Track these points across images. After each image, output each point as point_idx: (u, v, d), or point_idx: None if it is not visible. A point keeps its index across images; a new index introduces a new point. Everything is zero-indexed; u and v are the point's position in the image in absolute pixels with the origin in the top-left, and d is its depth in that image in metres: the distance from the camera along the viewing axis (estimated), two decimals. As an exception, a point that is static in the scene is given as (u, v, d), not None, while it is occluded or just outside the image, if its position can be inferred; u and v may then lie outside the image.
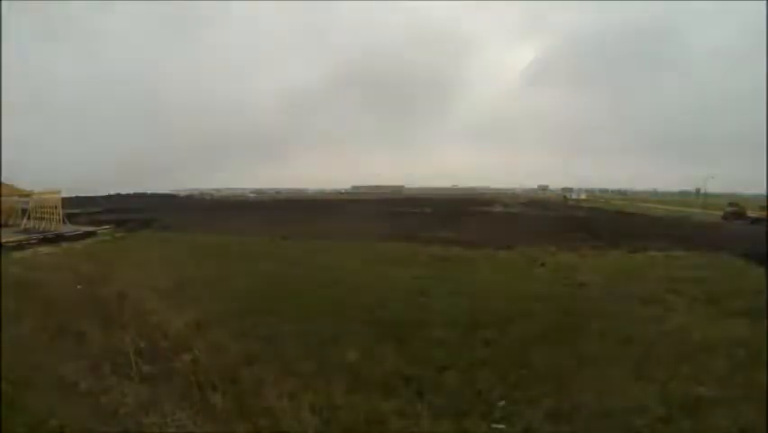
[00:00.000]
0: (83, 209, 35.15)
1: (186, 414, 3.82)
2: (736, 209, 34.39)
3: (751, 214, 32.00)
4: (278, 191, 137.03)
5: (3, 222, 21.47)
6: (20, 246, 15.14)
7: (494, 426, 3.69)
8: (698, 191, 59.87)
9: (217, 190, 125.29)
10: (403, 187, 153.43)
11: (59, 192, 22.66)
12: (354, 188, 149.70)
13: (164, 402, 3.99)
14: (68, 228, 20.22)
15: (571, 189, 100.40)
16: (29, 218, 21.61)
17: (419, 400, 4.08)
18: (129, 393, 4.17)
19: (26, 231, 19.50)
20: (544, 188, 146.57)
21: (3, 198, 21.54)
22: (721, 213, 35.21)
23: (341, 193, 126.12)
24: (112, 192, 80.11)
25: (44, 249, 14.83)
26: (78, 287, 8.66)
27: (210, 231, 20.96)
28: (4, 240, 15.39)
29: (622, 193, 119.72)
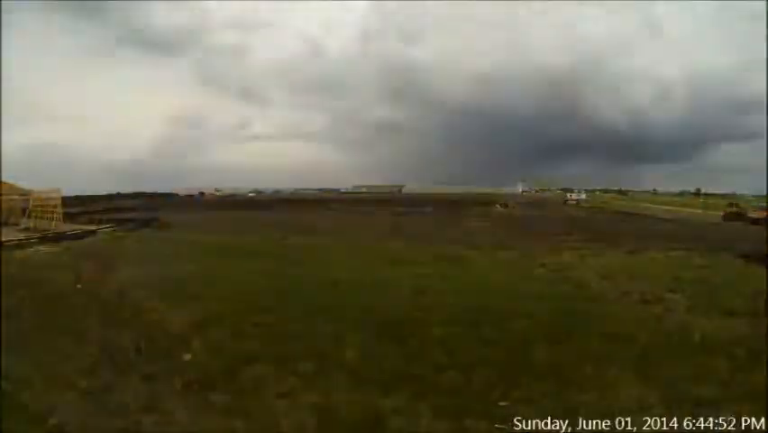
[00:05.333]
0: (84, 208, 35.14)
1: (185, 413, 3.82)
2: (735, 210, 34.41)
3: (751, 214, 31.99)
4: (277, 191, 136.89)
5: (3, 221, 21.45)
6: (20, 245, 15.13)
7: (494, 425, 3.68)
8: (697, 192, 60.02)
9: (218, 189, 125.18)
10: (403, 186, 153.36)
11: (58, 191, 22.66)
12: (355, 187, 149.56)
13: (163, 401, 3.98)
14: (69, 227, 20.21)
15: (570, 190, 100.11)
16: (29, 217, 21.60)
17: (419, 400, 4.07)
18: (128, 392, 4.17)
19: (26, 230, 19.50)
20: (543, 189, 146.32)
21: (3, 197, 21.52)
22: (721, 213, 35.23)
23: (341, 193, 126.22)
24: (112, 192, 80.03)
25: (44, 248, 14.82)
26: (78, 286, 8.65)
27: (210, 230, 20.95)
28: (4, 239, 15.38)
29: (622, 193, 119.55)
